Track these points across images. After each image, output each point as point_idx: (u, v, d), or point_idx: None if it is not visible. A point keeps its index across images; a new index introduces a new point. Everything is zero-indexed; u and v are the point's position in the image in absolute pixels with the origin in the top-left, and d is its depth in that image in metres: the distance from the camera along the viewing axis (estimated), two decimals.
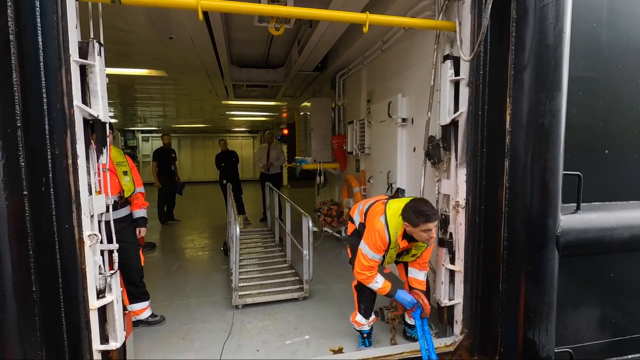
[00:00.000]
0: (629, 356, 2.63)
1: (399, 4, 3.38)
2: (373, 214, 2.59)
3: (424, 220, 2.28)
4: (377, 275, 2.58)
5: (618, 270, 2.54)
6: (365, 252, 2.51)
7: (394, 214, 2.47)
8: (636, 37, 2.45)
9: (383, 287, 2.59)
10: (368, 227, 2.56)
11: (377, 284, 2.58)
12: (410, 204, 2.37)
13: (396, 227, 2.46)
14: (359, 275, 2.59)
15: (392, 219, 2.47)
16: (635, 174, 2.55)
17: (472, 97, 2.50)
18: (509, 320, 2.39)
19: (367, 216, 2.65)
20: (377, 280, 2.58)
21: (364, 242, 2.53)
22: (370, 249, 2.48)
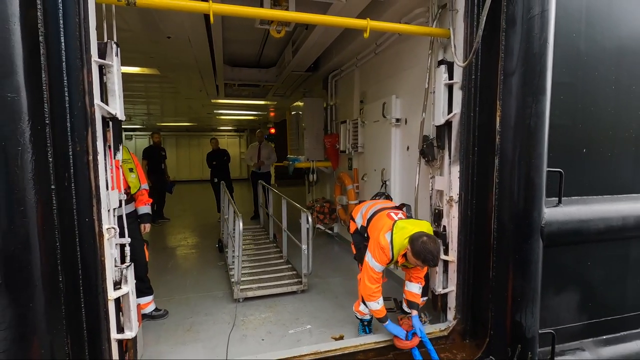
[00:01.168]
0: (603, 337, 2.90)
1: (393, 10, 3.56)
2: (378, 226, 2.69)
3: (423, 262, 2.40)
4: (380, 297, 2.66)
5: (594, 258, 2.79)
6: (372, 266, 2.61)
7: (402, 236, 2.52)
8: (610, 47, 2.69)
9: (380, 310, 2.67)
10: (373, 241, 2.65)
11: (377, 305, 2.66)
12: (424, 239, 2.40)
13: (400, 249, 2.54)
14: (366, 290, 2.63)
15: (398, 241, 2.53)
16: (609, 171, 2.80)
17: (465, 99, 2.70)
18: (498, 305, 2.60)
19: (371, 224, 2.78)
20: (379, 302, 2.66)
21: (369, 254, 2.63)
22: (376, 261, 2.58)
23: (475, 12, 2.62)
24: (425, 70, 3.26)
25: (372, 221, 2.79)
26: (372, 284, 2.63)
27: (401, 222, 2.59)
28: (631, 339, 2.93)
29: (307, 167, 6.53)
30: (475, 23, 2.58)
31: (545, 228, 2.47)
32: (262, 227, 6.79)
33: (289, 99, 9.13)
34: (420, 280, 2.82)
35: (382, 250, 2.54)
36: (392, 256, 2.54)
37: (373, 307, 2.68)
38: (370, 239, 2.74)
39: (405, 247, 2.49)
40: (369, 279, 2.63)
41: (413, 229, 2.51)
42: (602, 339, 2.89)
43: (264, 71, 7.39)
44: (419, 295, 2.80)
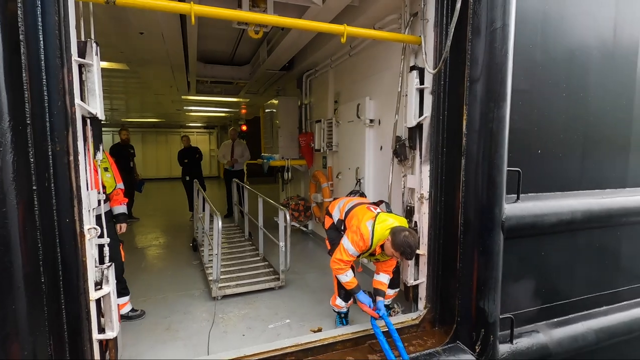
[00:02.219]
0: (554, 319, 3.21)
1: (367, 16, 3.71)
2: (358, 217, 2.84)
3: (402, 254, 2.58)
4: (349, 270, 2.85)
5: (547, 248, 3.08)
6: (347, 247, 2.77)
7: (383, 227, 2.69)
8: (561, 58, 2.97)
9: (350, 282, 2.84)
10: (353, 227, 2.80)
11: (346, 277, 2.83)
12: (406, 233, 2.57)
13: (380, 238, 2.70)
14: (334, 264, 2.83)
15: (380, 232, 2.69)
16: (560, 170, 3.10)
17: (435, 103, 2.89)
18: (464, 294, 2.82)
19: (349, 216, 2.93)
20: (347, 274, 2.83)
21: (347, 238, 2.79)
22: (352, 245, 2.74)
23: (444, 22, 2.81)
24: (398, 74, 3.44)
25: (351, 214, 2.94)
26: (342, 262, 2.79)
27: (384, 215, 2.78)
28: (578, 321, 3.25)
29: (282, 165, 6.59)
30: (444, 32, 2.78)
31: (506, 222, 2.70)
32: (237, 226, 6.78)
33: (262, 97, 9.13)
34: (388, 272, 3.01)
35: (362, 237, 2.70)
36: (371, 244, 2.70)
37: (343, 280, 2.84)
38: (347, 229, 2.89)
39: (385, 238, 2.66)
40: (340, 259, 2.78)
41: (394, 223, 2.69)
42: (554, 322, 3.19)
43: (237, 69, 7.36)
44: (385, 284, 2.98)
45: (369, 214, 2.83)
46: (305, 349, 2.64)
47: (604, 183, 3.29)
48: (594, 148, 3.19)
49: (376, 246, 2.73)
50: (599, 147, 3.23)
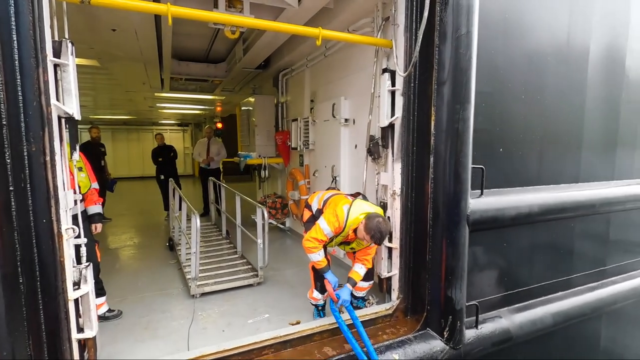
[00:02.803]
0: (515, 305, 3.46)
1: (341, 19, 3.83)
2: (336, 202, 3.00)
3: (372, 237, 2.73)
4: (321, 250, 2.98)
5: (508, 240, 3.32)
6: (322, 227, 2.89)
7: (358, 211, 2.84)
8: (520, 63, 3.20)
9: (320, 262, 2.97)
10: (329, 209, 2.96)
11: (317, 257, 2.96)
12: (379, 219, 2.75)
13: (354, 222, 2.84)
14: (307, 243, 2.94)
15: (354, 215, 2.84)
16: (520, 167, 3.34)
17: (406, 105, 3.05)
18: (433, 284, 3.01)
19: (327, 204, 3.06)
20: (319, 254, 2.96)
21: (323, 218, 2.92)
22: (327, 224, 2.87)
23: (414, 27, 2.96)
24: (372, 76, 3.58)
25: (328, 202, 3.08)
26: (316, 241, 2.91)
27: (360, 201, 2.93)
28: (537, 306, 3.52)
29: (259, 163, 6.63)
30: (414, 37, 2.93)
31: (471, 216, 2.90)
32: (214, 224, 6.76)
33: (238, 95, 9.09)
34: (364, 262, 3.13)
35: (337, 218, 2.83)
36: (345, 227, 2.83)
37: (314, 259, 2.96)
38: (325, 211, 3.01)
39: (358, 222, 2.80)
40: (315, 237, 2.90)
41: (370, 210, 2.86)
42: (515, 307, 3.44)
43: (213, 66, 7.31)
44: (359, 274, 3.12)
45: (346, 200, 2.99)
46: (284, 341, 2.74)
47: (559, 179, 3.57)
48: (549, 146, 3.45)
49: (349, 229, 2.86)
50: (554, 146, 3.49)
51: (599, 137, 3.79)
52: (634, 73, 3.91)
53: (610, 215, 3.99)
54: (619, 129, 3.94)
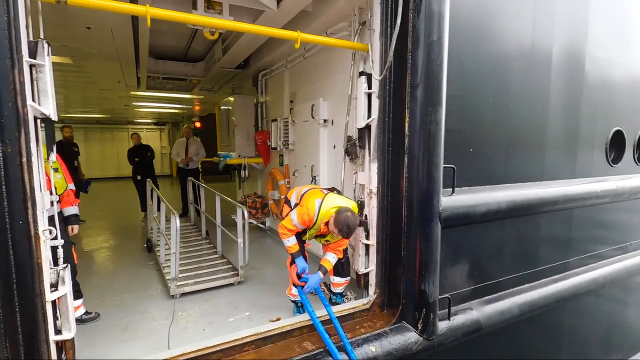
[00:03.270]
0: (485, 297, 3.65)
1: (320, 22, 3.92)
2: (310, 196, 3.13)
3: (339, 231, 2.90)
4: (292, 237, 3.16)
5: (479, 235, 3.50)
6: (292, 218, 3.09)
7: (330, 205, 3.01)
8: (489, 66, 3.37)
9: (291, 247, 3.17)
10: (302, 203, 3.10)
11: (288, 242, 3.15)
12: (348, 214, 2.92)
13: (325, 216, 3.01)
14: (280, 229, 3.16)
15: (325, 209, 3.01)
16: (489, 166, 3.51)
17: (381, 107, 3.17)
18: (408, 278, 3.14)
19: (303, 198, 3.18)
20: (290, 240, 3.15)
21: (295, 211, 3.10)
22: (297, 218, 3.05)
23: (389, 33, 3.08)
24: (349, 78, 3.68)
25: (304, 196, 3.21)
26: (285, 229, 3.10)
27: (333, 195, 3.04)
28: (505, 298, 3.72)
29: (239, 163, 6.63)
30: (389, 42, 3.05)
31: (443, 213, 3.05)
32: (194, 225, 6.72)
33: (217, 94, 9.03)
34: (336, 252, 3.29)
35: (307, 211, 2.99)
36: (316, 220, 2.97)
37: (286, 244, 3.15)
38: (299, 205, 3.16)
39: (330, 216, 2.95)
40: (285, 226, 3.10)
41: (342, 204, 2.99)
42: (485, 299, 3.62)
43: (191, 65, 7.25)
44: (330, 263, 3.28)
45: (320, 194, 3.13)
46: (264, 337, 2.80)
47: (525, 177, 3.78)
48: (516, 147, 3.65)
49: (321, 223, 3.00)
50: (520, 146, 3.69)
51: (561, 137, 4.04)
52: (592, 77, 4.18)
53: (572, 212, 4.25)
54: (579, 130, 4.20)
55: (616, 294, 4.89)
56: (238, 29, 2.83)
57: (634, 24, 4.46)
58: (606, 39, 4.17)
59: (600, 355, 4.94)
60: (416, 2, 2.85)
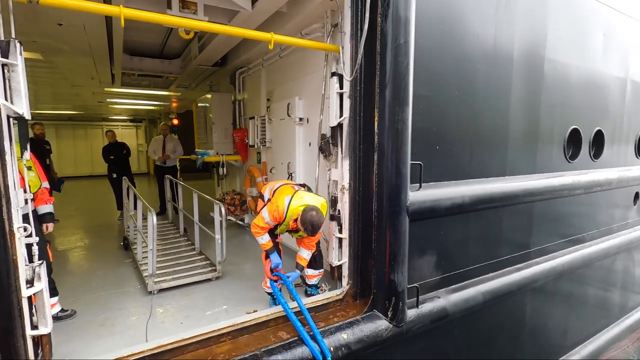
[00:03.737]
0: (452, 286, 3.87)
1: (294, 23, 4.02)
2: (281, 192, 3.27)
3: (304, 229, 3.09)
4: (265, 234, 3.32)
5: (445, 228, 3.71)
6: (263, 216, 3.25)
7: (298, 204, 3.17)
8: (454, 68, 3.56)
9: (265, 244, 3.34)
10: (273, 201, 3.24)
11: (262, 240, 3.32)
12: (312, 212, 3.09)
13: (293, 213, 3.19)
14: (253, 228, 3.32)
15: (294, 207, 3.18)
16: (454, 162, 3.72)
17: (352, 106, 3.32)
18: (378, 269, 3.31)
19: (275, 193, 3.30)
20: (263, 237, 3.32)
21: (266, 209, 3.26)
22: (269, 215, 3.21)
23: (359, 35, 3.23)
24: (322, 78, 3.81)
25: (276, 192, 3.35)
26: (258, 227, 3.27)
27: (302, 193, 3.19)
28: (470, 286, 3.96)
29: (217, 160, 6.66)
30: (359, 45, 3.19)
31: (410, 207, 3.23)
32: (171, 223, 6.70)
33: (195, 91, 8.97)
34: (310, 247, 3.45)
35: (277, 209, 3.15)
36: (285, 217, 3.13)
37: (260, 242, 3.32)
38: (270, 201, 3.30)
39: (298, 213, 3.12)
40: (257, 224, 3.27)
41: (309, 202, 3.13)
42: (451, 288, 3.84)
43: (167, 62, 7.20)
44: (305, 259, 3.45)
45: (290, 190, 3.26)
46: (240, 328, 2.91)
47: (488, 173, 4.01)
48: (480, 144, 3.87)
49: (290, 220, 3.15)
50: (484, 143, 3.92)
51: (522, 135, 4.30)
52: (551, 79, 4.47)
53: (532, 205, 4.54)
54: (539, 128, 4.49)
55: (574, 281, 5.25)
56: (212, 29, 2.90)
57: (589, 30, 4.78)
58: (563, 44, 4.46)
59: (560, 339, 5.31)
60: (384, 7, 3.00)
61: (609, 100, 5.32)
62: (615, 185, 5.65)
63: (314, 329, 2.85)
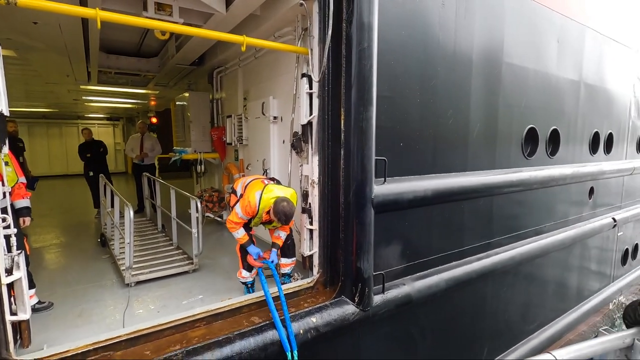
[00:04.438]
0: (416, 274, 4.15)
1: (267, 25, 4.21)
2: (252, 187, 3.46)
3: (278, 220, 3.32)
4: (240, 229, 3.52)
5: (409, 219, 3.98)
6: (237, 212, 3.45)
7: (269, 197, 3.37)
8: (416, 71, 3.82)
9: (241, 238, 3.54)
10: (244, 196, 3.44)
11: (238, 234, 3.52)
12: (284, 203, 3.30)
13: (265, 206, 3.39)
14: (229, 224, 3.52)
15: (266, 200, 3.38)
16: (417, 158, 3.98)
17: (321, 105, 3.53)
18: (346, 258, 3.54)
19: (246, 189, 3.48)
20: (239, 232, 3.52)
21: (239, 205, 3.46)
22: (242, 210, 3.41)
23: (326, 39, 3.45)
24: (294, 78, 4.01)
25: (247, 187, 3.55)
26: (233, 223, 3.48)
27: (272, 186, 3.41)
28: (433, 274, 4.24)
29: (195, 158, 6.76)
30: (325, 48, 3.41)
31: (375, 199, 3.47)
32: (149, 220, 6.76)
33: (173, 89, 9.00)
34: (287, 230, 3.70)
35: (249, 204, 3.36)
36: (258, 211, 3.34)
37: (236, 236, 3.53)
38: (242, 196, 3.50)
39: (270, 206, 3.33)
40: (232, 220, 3.48)
41: (280, 194, 3.34)
42: (416, 276, 4.11)
43: (145, 61, 7.23)
44: (281, 239, 3.67)
45: (260, 185, 3.46)
46: (215, 314, 3.09)
47: (450, 168, 4.31)
48: (442, 141, 4.16)
49: (263, 212, 3.36)
50: (445, 141, 4.20)
51: (482, 133, 4.62)
52: (508, 81, 4.82)
53: (492, 198, 4.88)
54: (498, 127, 4.83)
55: (532, 270, 5.65)
56: (186, 32, 3.06)
57: (544, 36, 5.17)
58: (520, 49, 4.82)
59: (520, 324, 5.70)
60: (348, 14, 3.23)
61: (564, 101, 5.74)
62: (570, 181, 6.10)
63: (286, 314, 3.05)
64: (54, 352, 2.40)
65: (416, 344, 4.20)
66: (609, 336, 2.70)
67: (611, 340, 2.27)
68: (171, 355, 2.60)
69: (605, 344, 2.50)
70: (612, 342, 2.32)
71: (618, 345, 2.49)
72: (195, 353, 2.65)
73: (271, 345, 2.94)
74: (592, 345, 4.82)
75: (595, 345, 4.77)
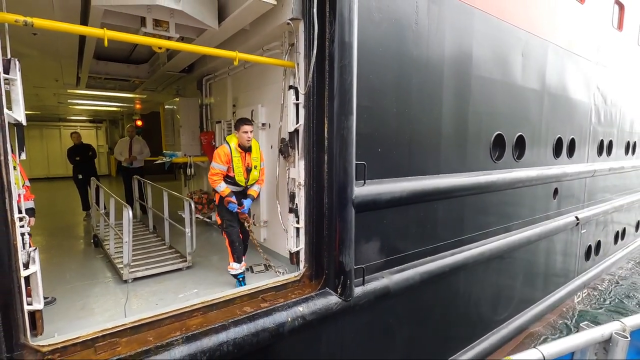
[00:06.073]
0: (394, 268, 4.53)
1: (256, 39, 4.54)
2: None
3: (241, 123, 3.88)
4: (222, 182, 4.00)
5: (387, 218, 4.37)
6: (213, 166, 3.96)
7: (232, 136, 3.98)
8: (392, 83, 4.22)
9: (223, 190, 4.01)
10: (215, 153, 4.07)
11: (220, 188, 4.00)
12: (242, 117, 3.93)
13: (231, 139, 3.96)
14: (210, 179, 4.02)
15: (230, 139, 3.98)
16: (394, 162, 4.38)
17: (306, 115, 3.89)
18: (330, 253, 3.89)
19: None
20: (221, 185, 4.00)
21: (214, 160, 4.00)
22: (217, 160, 3.93)
23: (311, 56, 3.81)
24: (281, 89, 4.36)
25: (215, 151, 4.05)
26: (214, 175, 3.99)
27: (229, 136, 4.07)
28: (410, 268, 4.64)
29: (185, 161, 7.00)
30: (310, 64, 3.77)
31: (355, 200, 3.84)
32: (140, 221, 6.95)
33: (161, 94, 9.19)
34: (261, 183, 4.31)
35: (221, 150, 3.94)
36: (230, 150, 3.92)
37: (218, 189, 4.03)
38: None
39: (235, 137, 3.95)
40: (212, 173, 4.00)
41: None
42: (394, 270, 4.48)
43: (134, 67, 7.42)
44: (255, 191, 4.30)
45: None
46: (210, 305, 3.39)
47: (424, 171, 4.71)
48: (416, 147, 4.56)
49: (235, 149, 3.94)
50: (420, 146, 4.61)
51: (453, 139, 5.06)
52: (477, 91, 5.28)
53: (464, 199, 5.33)
54: (468, 133, 5.29)
55: (501, 265, 6.14)
56: (186, 49, 3.37)
57: (510, 50, 5.67)
58: (487, 62, 5.29)
59: (491, 314, 6.17)
60: (331, 34, 3.60)
61: (529, 109, 6.27)
62: (536, 182, 6.64)
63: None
64: (65, 339, 2.66)
65: (394, 332, 4.58)
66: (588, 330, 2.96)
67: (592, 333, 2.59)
68: (172, 340, 2.89)
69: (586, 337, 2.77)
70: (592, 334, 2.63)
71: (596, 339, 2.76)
72: (194, 339, 2.94)
73: (262, 331, 3.27)
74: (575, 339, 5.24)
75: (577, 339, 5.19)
